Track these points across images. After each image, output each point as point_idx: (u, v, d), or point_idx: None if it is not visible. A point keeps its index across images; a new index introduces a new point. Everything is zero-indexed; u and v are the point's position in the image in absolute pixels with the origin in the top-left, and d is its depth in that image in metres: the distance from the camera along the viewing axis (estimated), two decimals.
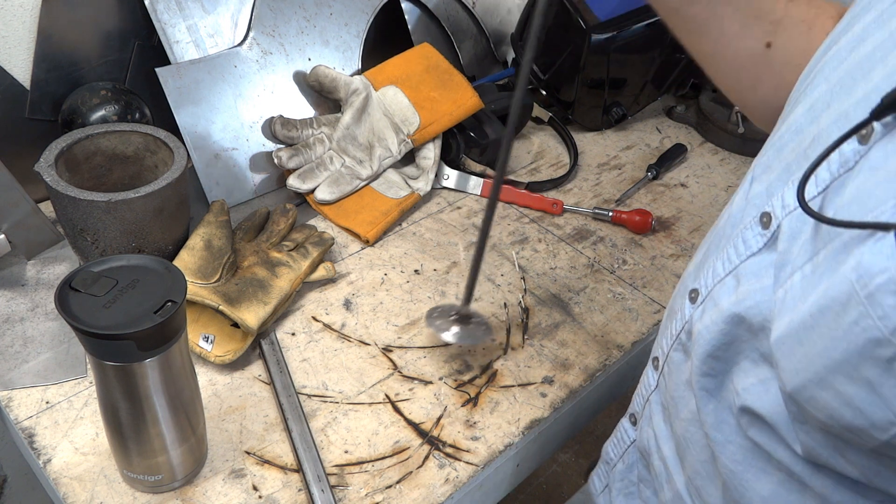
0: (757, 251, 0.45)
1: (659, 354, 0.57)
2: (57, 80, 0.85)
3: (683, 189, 1.06)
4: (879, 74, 0.39)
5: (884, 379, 0.34)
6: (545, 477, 1.75)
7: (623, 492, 0.65)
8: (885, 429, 0.35)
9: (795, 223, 0.42)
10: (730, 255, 0.48)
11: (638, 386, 0.62)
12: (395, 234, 0.91)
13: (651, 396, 0.58)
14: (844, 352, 0.35)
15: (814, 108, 0.44)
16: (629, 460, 0.64)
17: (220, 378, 0.71)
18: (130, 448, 0.57)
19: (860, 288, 0.34)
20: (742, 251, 0.47)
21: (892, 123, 0.36)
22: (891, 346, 0.33)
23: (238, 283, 0.73)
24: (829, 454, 0.40)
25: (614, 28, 1.03)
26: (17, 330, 0.72)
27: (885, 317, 0.33)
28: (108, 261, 0.53)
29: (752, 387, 0.44)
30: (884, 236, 0.33)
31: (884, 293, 0.33)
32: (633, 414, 0.63)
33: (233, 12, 0.92)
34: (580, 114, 1.13)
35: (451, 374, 0.74)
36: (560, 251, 0.91)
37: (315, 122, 0.94)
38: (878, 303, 0.33)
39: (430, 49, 1.02)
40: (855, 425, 0.36)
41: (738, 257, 0.47)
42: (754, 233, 0.46)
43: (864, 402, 0.35)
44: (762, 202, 0.46)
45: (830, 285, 0.36)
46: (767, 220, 0.45)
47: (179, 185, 0.73)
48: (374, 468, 0.65)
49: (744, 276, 0.46)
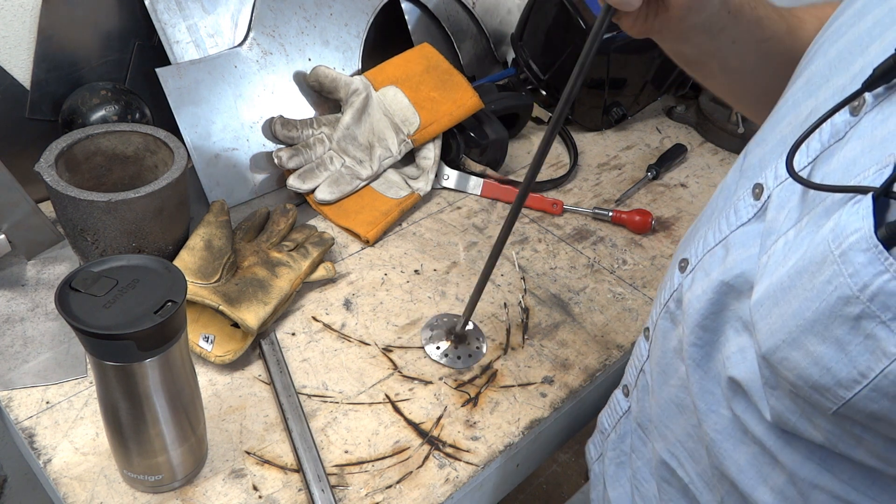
0: (747, 221, 0.46)
1: (650, 325, 0.58)
2: (57, 80, 0.85)
3: (683, 189, 1.06)
4: (876, 49, 0.40)
5: (851, 337, 0.35)
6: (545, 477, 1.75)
7: (615, 461, 0.65)
8: (849, 387, 0.36)
9: (785, 193, 0.43)
10: (721, 225, 0.48)
11: (630, 357, 0.62)
12: (395, 234, 0.91)
13: (644, 366, 0.59)
14: (816, 311, 0.36)
15: (811, 83, 0.45)
16: (621, 430, 0.64)
17: (220, 378, 0.71)
18: (130, 448, 0.57)
19: (835, 247, 0.35)
20: (733, 221, 0.47)
21: (882, 94, 0.37)
22: (858, 304, 0.34)
23: (238, 283, 0.73)
24: (797, 419, 0.41)
25: (614, 28, 1.02)
26: (17, 330, 0.72)
27: (855, 274, 0.34)
28: (108, 261, 0.53)
29: (733, 355, 0.45)
30: (861, 198, 0.34)
31: (855, 251, 0.33)
32: (625, 385, 0.63)
33: (233, 12, 0.92)
34: (580, 114, 1.13)
35: (451, 374, 0.74)
36: (560, 251, 0.91)
37: (315, 122, 0.94)
38: (850, 261, 0.34)
39: (430, 49, 1.02)
40: (822, 384, 0.37)
41: (728, 227, 0.48)
42: (746, 203, 0.47)
43: (832, 360, 0.36)
44: (755, 174, 0.47)
45: (809, 247, 0.37)
46: (759, 190, 0.45)
47: (179, 185, 0.73)
48: (374, 468, 0.65)
49: (733, 246, 0.46)
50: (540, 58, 1.11)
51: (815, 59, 0.46)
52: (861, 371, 0.35)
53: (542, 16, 1.10)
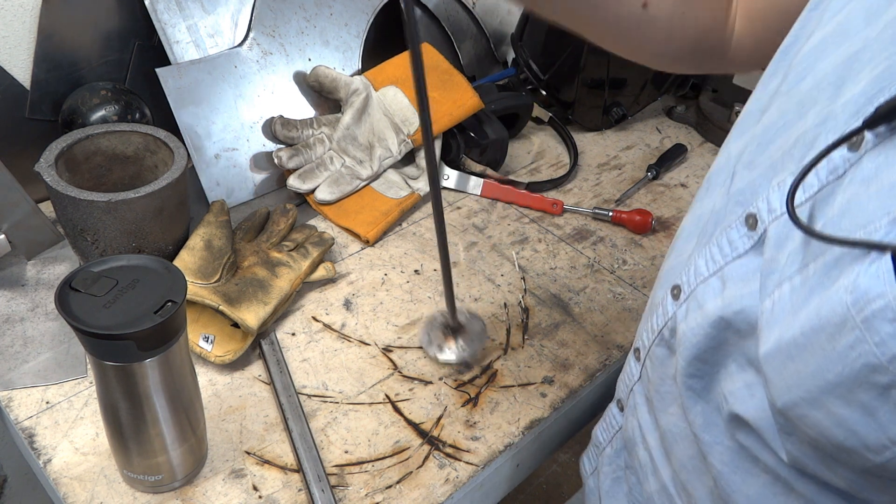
0: (743, 253, 0.44)
1: (640, 346, 0.57)
2: (57, 80, 0.85)
3: (683, 189, 1.06)
4: (867, 77, 0.38)
5: (879, 404, 0.33)
6: (545, 477, 1.75)
7: (611, 476, 0.65)
8: (879, 451, 0.34)
9: (782, 229, 0.41)
10: (713, 254, 0.47)
11: (621, 373, 0.62)
12: (395, 234, 0.91)
13: (634, 387, 0.58)
14: (839, 375, 0.34)
15: (802, 104, 0.43)
16: (617, 445, 0.64)
17: (220, 378, 0.71)
18: (130, 448, 0.57)
19: (856, 312, 0.33)
20: (728, 252, 0.46)
21: (884, 133, 0.35)
22: (888, 374, 0.32)
23: (238, 283, 0.73)
24: (816, 466, 0.40)
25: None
26: (17, 330, 0.72)
27: (882, 343, 0.32)
28: (108, 261, 0.53)
29: (738, 391, 0.44)
30: (879, 257, 0.32)
31: (881, 320, 0.32)
32: (619, 400, 0.63)
33: (233, 12, 0.92)
34: (580, 114, 1.13)
35: (451, 374, 0.74)
36: (560, 251, 0.91)
37: (315, 122, 0.94)
38: (875, 329, 0.32)
39: (431, 49, 1.02)
40: (847, 446, 0.36)
41: (722, 258, 0.46)
42: (740, 234, 0.45)
43: (858, 424, 0.34)
44: (746, 200, 0.45)
45: (823, 303, 0.35)
46: (753, 222, 0.44)
47: (179, 185, 0.73)
48: (374, 468, 0.65)
49: (729, 279, 0.45)
50: (540, 58, 1.11)
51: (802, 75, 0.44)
52: (891, 438, 0.33)
53: None
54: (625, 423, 0.60)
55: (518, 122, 1.10)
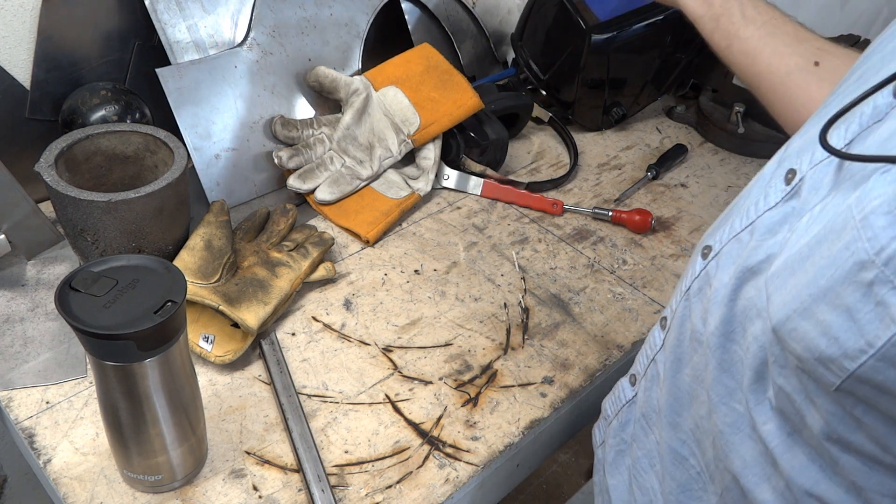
0: (774, 204, 0.45)
1: (668, 314, 0.57)
2: (57, 80, 0.85)
3: (683, 189, 1.06)
4: None
5: (861, 304, 0.34)
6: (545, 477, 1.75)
7: (615, 448, 0.65)
8: (855, 357, 0.35)
9: (819, 175, 0.42)
10: (748, 211, 0.48)
11: (642, 347, 0.62)
12: (395, 235, 0.91)
13: (656, 356, 0.58)
14: (831, 278, 0.36)
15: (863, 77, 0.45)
16: (623, 418, 0.64)
17: (220, 378, 0.71)
18: (130, 448, 0.57)
19: (857, 212, 0.34)
20: (761, 206, 0.47)
21: None
22: (873, 268, 0.33)
23: (238, 284, 0.73)
24: (801, 400, 0.41)
25: (614, 28, 1.03)
26: (17, 330, 0.72)
27: (874, 237, 0.33)
28: (108, 261, 0.53)
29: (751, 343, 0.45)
30: (891, 168, 0.34)
31: (877, 214, 0.33)
32: (633, 374, 0.63)
33: (233, 12, 0.92)
34: (580, 114, 1.13)
35: (451, 374, 0.74)
36: (560, 251, 0.91)
37: (315, 122, 0.94)
38: (870, 224, 0.33)
39: (431, 49, 1.02)
40: (828, 355, 0.37)
41: (756, 212, 0.47)
42: (777, 189, 0.46)
43: (840, 329, 0.36)
44: (790, 161, 0.46)
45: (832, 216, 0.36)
46: (792, 175, 0.45)
47: (179, 185, 0.73)
48: (374, 468, 0.65)
49: (758, 230, 0.46)
50: (540, 58, 1.11)
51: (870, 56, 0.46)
52: (868, 340, 0.34)
53: (542, 16, 1.10)
54: (643, 396, 0.60)
55: (518, 122, 1.10)
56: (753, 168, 1.11)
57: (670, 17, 1.05)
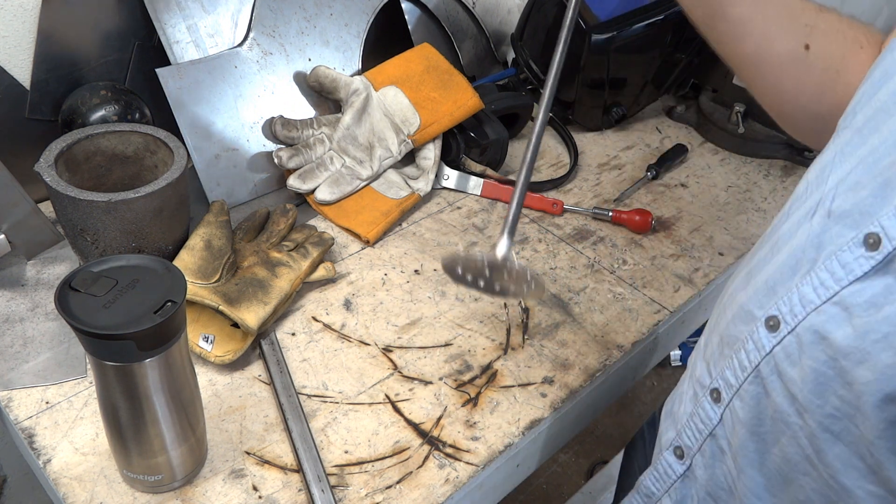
0: (862, 275, 0.43)
1: (720, 386, 0.53)
2: (57, 80, 0.85)
3: (683, 189, 1.06)
4: None
5: None
6: (545, 477, 1.75)
7: None
8: None
9: None
10: (823, 279, 0.45)
11: (687, 418, 0.58)
12: (395, 235, 0.91)
13: (716, 431, 0.55)
14: None
15: None
16: (677, 496, 0.61)
17: (220, 378, 0.71)
18: (130, 448, 0.57)
19: None
20: (841, 276, 0.44)
21: None
22: None
23: (238, 284, 0.73)
24: None
25: (614, 28, 1.03)
26: (17, 330, 0.72)
27: None
28: (108, 261, 0.53)
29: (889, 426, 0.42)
30: None
31: None
32: (679, 447, 0.59)
33: (233, 12, 0.92)
34: (580, 114, 1.13)
35: (451, 374, 0.74)
36: (560, 251, 0.91)
37: (315, 122, 0.94)
38: None
39: (431, 49, 1.02)
40: None
41: (835, 283, 0.44)
42: (855, 255, 0.43)
43: None
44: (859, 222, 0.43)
45: None
46: (875, 241, 0.42)
47: (179, 185, 0.73)
48: (374, 468, 0.65)
49: (855, 305, 0.43)
50: (540, 58, 1.11)
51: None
52: None
53: (542, 16, 1.10)
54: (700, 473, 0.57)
55: (518, 122, 1.10)
56: (753, 168, 1.11)
57: (670, 16, 1.04)
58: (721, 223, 0.99)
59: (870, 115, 0.48)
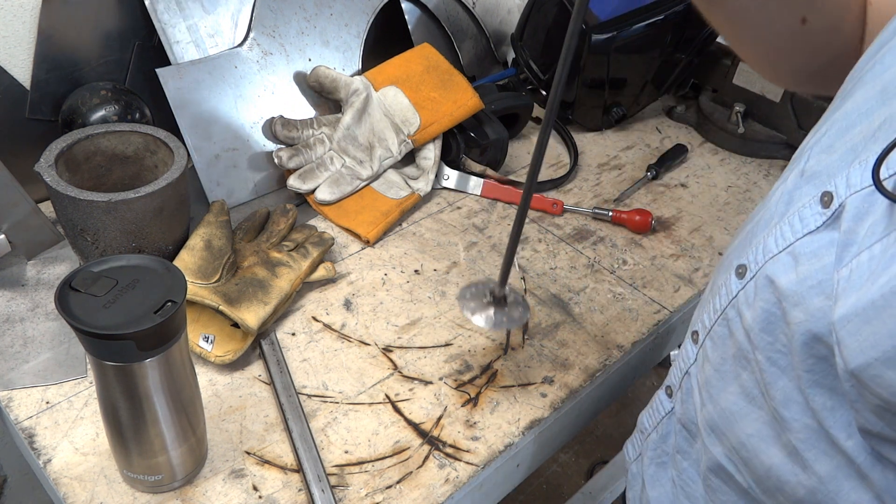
0: (815, 229, 0.45)
1: (699, 328, 0.57)
2: (57, 80, 0.85)
3: (683, 189, 1.06)
4: None
5: None
6: (545, 477, 1.75)
7: (656, 461, 0.65)
8: None
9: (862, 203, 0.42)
10: (784, 232, 0.48)
11: (676, 359, 0.62)
12: (395, 235, 0.91)
13: (690, 369, 0.59)
14: None
15: (886, 91, 0.44)
16: (663, 430, 0.64)
17: (220, 378, 0.71)
18: (130, 448, 0.57)
19: None
20: (798, 228, 0.46)
21: None
22: None
23: (238, 284, 0.73)
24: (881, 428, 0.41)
25: (614, 28, 1.03)
26: (17, 330, 0.72)
27: None
28: (108, 261, 0.53)
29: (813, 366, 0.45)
30: None
31: None
32: (669, 386, 0.63)
33: (233, 12, 0.92)
34: (580, 114, 1.13)
35: (451, 374, 0.74)
36: (560, 251, 0.91)
37: (315, 122, 0.94)
38: None
39: (431, 49, 1.02)
40: None
41: (793, 235, 0.47)
42: (812, 211, 0.46)
43: None
44: (822, 182, 0.46)
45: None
46: (828, 199, 0.44)
47: (179, 185, 0.73)
48: (375, 468, 0.65)
49: (802, 255, 0.46)
50: (540, 58, 1.11)
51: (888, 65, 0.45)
52: None
53: (542, 16, 1.10)
54: (679, 408, 0.61)
55: (518, 122, 1.10)
56: (753, 168, 1.11)
57: (670, 17, 1.05)
58: (721, 223, 0.99)
59: (848, 80, 0.51)
